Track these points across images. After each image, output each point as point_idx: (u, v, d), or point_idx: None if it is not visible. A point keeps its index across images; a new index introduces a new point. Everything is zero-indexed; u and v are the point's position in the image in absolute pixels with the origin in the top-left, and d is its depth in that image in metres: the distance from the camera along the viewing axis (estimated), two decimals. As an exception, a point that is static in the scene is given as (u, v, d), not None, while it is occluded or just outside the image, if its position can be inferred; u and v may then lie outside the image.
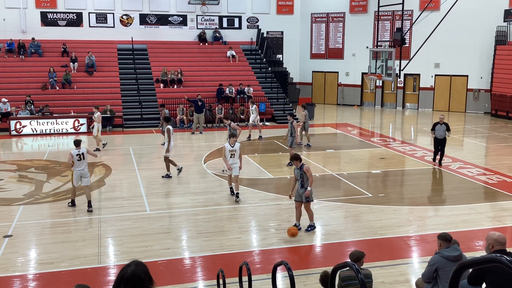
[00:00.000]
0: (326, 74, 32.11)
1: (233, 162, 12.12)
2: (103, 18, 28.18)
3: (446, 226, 10.28)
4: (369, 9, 29.91)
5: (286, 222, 10.53)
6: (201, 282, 8.19)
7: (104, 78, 25.34)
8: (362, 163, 16.29)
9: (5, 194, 12.82)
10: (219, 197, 12.51)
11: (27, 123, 21.23)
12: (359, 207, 11.72)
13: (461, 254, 5.79)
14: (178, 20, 29.37)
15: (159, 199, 12.41)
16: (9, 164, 16.00)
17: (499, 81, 26.34)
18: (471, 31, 27.13)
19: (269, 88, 26.80)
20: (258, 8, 30.76)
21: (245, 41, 30.24)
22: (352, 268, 3.46)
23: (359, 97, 31.20)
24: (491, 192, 13.11)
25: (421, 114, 28.22)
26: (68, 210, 11.53)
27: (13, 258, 8.89)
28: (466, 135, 21.61)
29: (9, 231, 10.14)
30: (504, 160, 16.67)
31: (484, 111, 27.86)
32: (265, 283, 7.76)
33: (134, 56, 26.97)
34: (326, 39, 31.76)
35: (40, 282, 8.16)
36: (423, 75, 29.18)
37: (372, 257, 8.77)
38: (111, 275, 8.28)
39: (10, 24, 26.51)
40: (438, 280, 5.79)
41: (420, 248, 9.51)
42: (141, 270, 3.07)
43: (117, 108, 23.29)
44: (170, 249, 9.33)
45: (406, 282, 8.08)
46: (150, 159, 17.08)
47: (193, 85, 25.81)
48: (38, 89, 23.74)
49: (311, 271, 8.28)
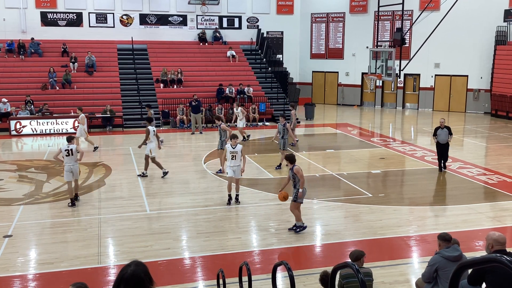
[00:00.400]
0: (326, 74, 32.12)
1: (234, 164, 11.71)
2: (103, 18, 28.18)
3: (446, 226, 10.29)
4: (369, 9, 29.91)
5: (286, 222, 10.54)
6: (201, 282, 8.19)
7: (104, 78, 25.34)
8: (362, 163, 16.29)
9: (5, 194, 12.82)
10: (219, 197, 12.50)
11: (27, 123, 21.23)
12: (359, 207, 11.72)
13: (461, 254, 5.80)
14: (178, 20, 29.37)
15: (159, 199, 12.41)
16: (9, 164, 16.00)
17: (499, 81, 26.34)
18: (471, 31, 27.14)
19: (269, 88, 26.80)
20: (258, 8, 30.76)
21: (245, 41, 30.25)
22: (352, 268, 3.46)
23: (359, 97, 31.20)
24: (491, 192, 13.11)
25: (421, 114, 28.22)
26: (68, 210, 11.53)
27: (13, 258, 8.89)
28: (466, 135, 21.61)
29: (9, 231, 10.14)
30: (504, 160, 16.67)
31: (484, 111, 27.86)
32: (265, 283, 7.76)
33: (134, 56, 26.97)
34: (326, 39, 31.76)
35: (40, 282, 8.16)
36: (423, 75, 29.19)
37: (372, 257, 8.78)
38: (111, 275, 8.28)
39: (10, 24, 26.51)
40: (438, 280, 5.79)
41: (420, 248, 9.51)
42: (141, 270, 3.07)
43: (117, 108, 23.30)
44: (170, 249, 9.32)
45: (406, 282, 8.08)
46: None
47: (193, 85, 25.81)
48: (38, 89, 23.74)
49: (311, 271, 8.28)
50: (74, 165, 11.77)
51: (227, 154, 11.80)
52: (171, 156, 17.43)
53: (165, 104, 23.97)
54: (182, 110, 23.16)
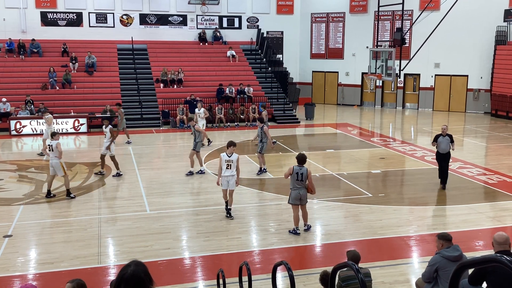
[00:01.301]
0: (326, 74, 32.11)
1: (229, 174, 10.74)
2: (103, 18, 28.18)
3: (446, 226, 10.29)
4: (369, 9, 29.91)
5: (286, 222, 10.54)
6: (201, 282, 8.19)
7: (104, 78, 25.34)
8: (362, 163, 16.29)
9: (5, 194, 12.82)
10: (219, 197, 12.47)
11: (27, 123, 21.23)
12: (359, 207, 11.72)
13: (461, 254, 5.79)
14: (178, 20, 29.36)
15: (159, 199, 12.40)
16: (9, 164, 16.00)
17: (499, 81, 26.35)
18: (471, 31, 27.13)
19: (269, 88, 26.80)
20: (258, 8, 30.76)
21: (245, 41, 30.24)
22: (352, 268, 3.46)
23: (359, 97, 31.20)
24: (491, 192, 13.12)
25: (421, 114, 28.22)
26: (68, 210, 11.53)
27: (13, 258, 8.89)
28: (466, 135, 21.61)
29: (9, 231, 10.14)
30: (504, 160, 16.67)
31: (484, 111, 27.86)
32: (265, 283, 7.76)
33: (134, 56, 26.96)
34: (326, 39, 31.76)
35: (40, 282, 8.16)
36: (423, 75, 29.18)
37: (372, 257, 8.79)
38: (111, 275, 8.27)
39: (10, 24, 26.50)
40: (438, 280, 5.79)
41: (420, 248, 9.51)
42: (141, 270, 3.07)
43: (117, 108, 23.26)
44: (170, 249, 9.32)
45: (406, 282, 8.08)
46: (150, 159, 17.09)
47: (193, 85, 25.81)
48: (38, 89, 23.74)
49: (311, 271, 8.27)
50: (53, 159, 12.19)
51: (222, 163, 10.77)
52: (171, 156, 17.44)
53: (165, 104, 23.96)
54: (182, 110, 23.16)
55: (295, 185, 9.81)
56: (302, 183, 9.78)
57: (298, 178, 9.76)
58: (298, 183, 9.78)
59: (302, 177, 9.74)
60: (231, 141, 11.09)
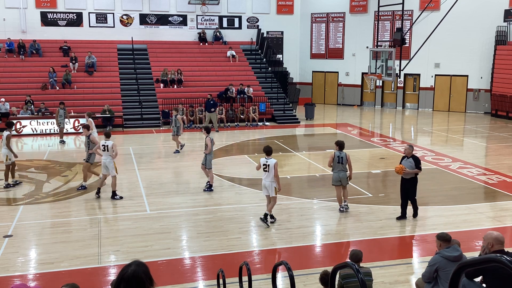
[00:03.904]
0: (326, 74, 32.12)
1: (265, 179, 10.38)
2: (103, 18, 28.18)
3: (446, 226, 10.29)
4: (369, 9, 29.91)
5: (286, 222, 10.55)
6: (201, 282, 8.19)
7: (104, 78, 25.34)
8: (362, 163, 16.28)
9: (5, 194, 12.82)
10: (219, 197, 12.51)
11: (27, 123, 21.23)
12: (359, 207, 11.72)
13: (461, 254, 5.79)
14: (178, 20, 29.37)
15: (159, 199, 12.40)
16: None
17: (499, 81, 26.34)
18: (471, 31, 27.14)
19: (269, 88, 26.80)
20: (258, 8, 30.77)
21: (245, 41, 30.25)
22: (352, 268, 3.46)
23: (359, 97, 31.20)
24: (491, 192, 13.12)
25: (421, 114, 28.22)
26: (68, 210, 11.53)
27: (13, 258, 8.89)
28: (466, 135, 21.60)
29: (9, 231, 10.14)
30: (504, 160, 16.67)
31: (484, 111, 27.86)
32: (265, 283, 7.76)
33: (134, 56, 26.97)
34: (326, 39, 31.76)
35: (40, 282, 8.15)
36: (423, 75, 29.19)
37: (372, 257, 8.79)
38: (111, 275, 8.28)
39: (10, 24, 26.51)
40: (438, 280, 5.79)
41: (420, 248, 9.51)
42: (142, 270, 3.07)
43: (117, 108, 23.30)
44: (170, 249, 9.32)
45: (406, 282, 8.08)
46: (150, 159, 17.08)
47: (193, 85, 25.82)
48: (38, 89, 23.74)
49: (311, 271, 8.27)
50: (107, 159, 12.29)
51: (261, 165, 10.45)
52: (171, 156, 17.43)
53: (165, 104, 23.96)
54: (182, 110, 23.15)
55: (336, 168, 11.13)
56: (341, 165, 11.07)
57: (339, 161, 11.09)
58: (339, 166, 11.09)
59: (342, 160, 11.07)
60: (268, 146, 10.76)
